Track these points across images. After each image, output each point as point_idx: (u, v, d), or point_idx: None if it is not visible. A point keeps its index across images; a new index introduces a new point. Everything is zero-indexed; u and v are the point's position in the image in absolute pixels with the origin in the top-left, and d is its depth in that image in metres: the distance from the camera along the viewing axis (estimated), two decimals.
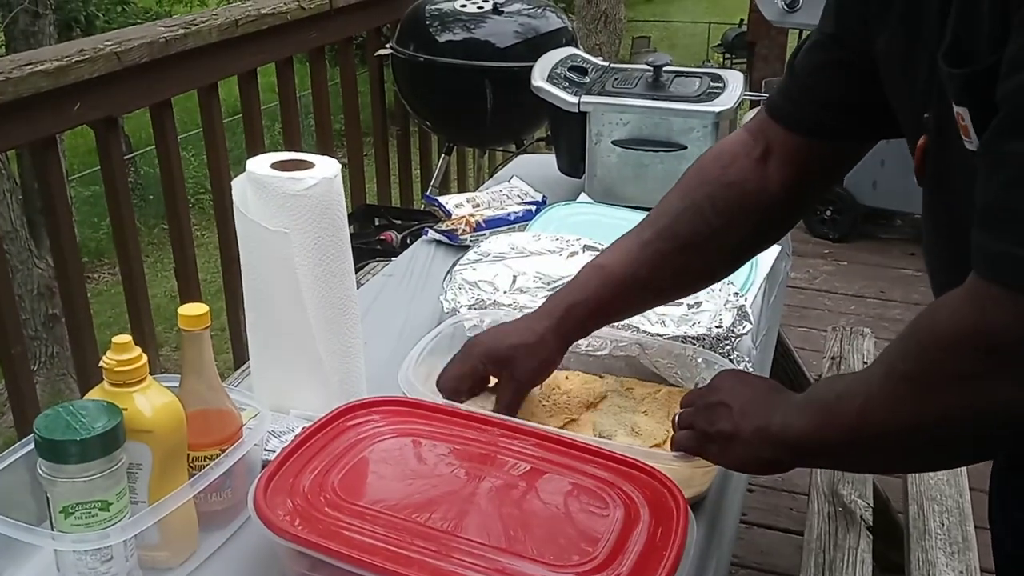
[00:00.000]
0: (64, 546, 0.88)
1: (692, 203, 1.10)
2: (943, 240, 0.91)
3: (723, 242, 1.10)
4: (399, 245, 2.40)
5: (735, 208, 1.09)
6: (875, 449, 0.84)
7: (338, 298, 1.17)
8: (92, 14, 9.76)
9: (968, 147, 0.75)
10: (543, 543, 0.88)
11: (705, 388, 1.04)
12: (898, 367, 0.79)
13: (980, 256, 0.72)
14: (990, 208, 0.71)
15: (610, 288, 1.11)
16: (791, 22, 4.31)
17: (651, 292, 1.14)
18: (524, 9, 2.92)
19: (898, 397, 0.78)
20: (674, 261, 1.10)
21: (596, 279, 1.13)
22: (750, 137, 1.11)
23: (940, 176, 0.86)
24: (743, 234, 1.11)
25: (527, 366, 1.12)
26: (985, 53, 0.72)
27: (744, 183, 1.09)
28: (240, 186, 1.15)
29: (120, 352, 0.91)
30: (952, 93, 0.76)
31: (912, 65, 0.86)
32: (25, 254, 5.12)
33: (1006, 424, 0.74)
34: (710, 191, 1.10)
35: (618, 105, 1.85)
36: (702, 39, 10.32)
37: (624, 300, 1.13)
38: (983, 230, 0.72)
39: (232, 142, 2.65)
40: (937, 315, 0.77)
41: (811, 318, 3.72)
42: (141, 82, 2.15)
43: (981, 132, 0.73)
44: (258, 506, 0.89)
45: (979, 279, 0.71)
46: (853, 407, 0.82)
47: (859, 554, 1.84)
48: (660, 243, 1.10)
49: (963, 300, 0.73)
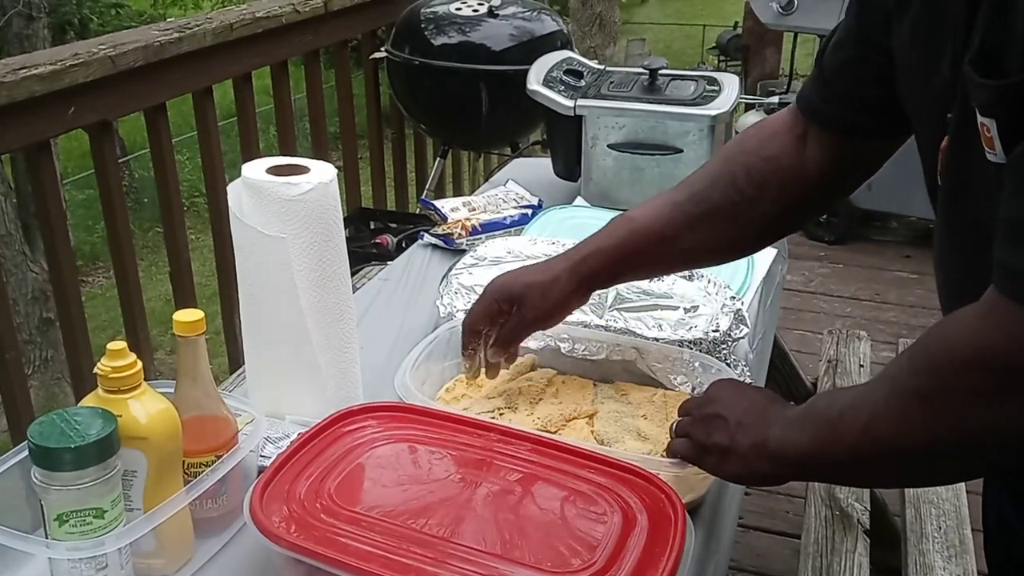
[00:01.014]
0: (59, 554, 0.88)
1: (728, 170, 1.11)
2: (956, 243, 0.89)
3: (753, 213, 1.09)
4: (395, 249, 2.40)
5: (770, 180, 1.08)
6: (878, 466, 0.83)
7: (334, 303, 1.17)
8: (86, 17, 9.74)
9: (990, 158, 0.74)
10: (540, 549, 0.87)
11: (702, 398, 1.04)
12: (908, 384, 0.78)
13: (1002, 272, 0.71)
14: (1015, 224, 0.70)
15: (635, 239, 1.11)
16: (786, 24, 4.32)
17: (675, 252, 1.13)
18: (519, 12, 2.92)
19: (908, 414, 0.77)
20: (702, 224, 1.10)
21: (623, 229, 1.13)
22: (792, 117, 1.10)
23: (961, 179, 0.84)
24: (773, 209, 1.10)
25: (537, 304, 1.12)
26: (1017, 67, 0.70)
27: (781, 158, 1.08)
28: (236, 191, 1.14)
29: (115, 359, 0.90)
30: (979, 103, 0.74)
31: (934, 63, 0.84)
32: (19, 258, 5.10)
33: (1016, 443, 0.74)
34: (746, 160, 1.10)
35: (614, 108, 1.85)
36: (697, 42, 10.32)
37: (647, 255, 1.13)
38: (1006, 245, 0.70)
39: (227, 145, 2.64)
40: (950, 330, 0.76)
41: (807, 321, 3.72)
42: (135, 86, 2.15)
43: (1007, 144, 0.72)
44: (254, 513, 0.89)
45: (999, 295, 0.70)
46: (858, 424, 0.81)
47: (856, 558, 1.84)
48: (691, 205, 1.11)
49: (981, 316, 0.72)
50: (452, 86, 2.86)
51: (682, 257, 1.17)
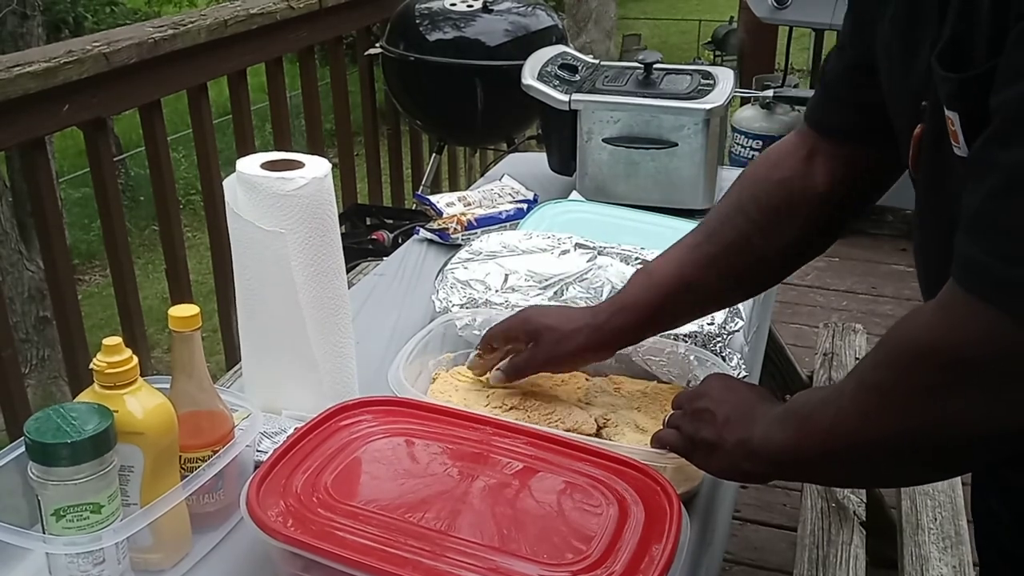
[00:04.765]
0: (56, 549, 0.88)
1: (738, 203, 1.10)
2: (934, 237, 0.89)
3: (768, 242, 1.08)
4: (390, 244, 2.40)
5: (781, 206, 1.08)
6: (847, 462, 0.83)
7: (330, 298, 1.17)
8: (81, 16, 9.72)
9: (956, 152, 0.74)
10: (537, 542, 0.88)
11: (694, 392, 1.04)
12: (869, 378, 0.78)
13: (960, 263, 0.70)
14: (975, 217, 0.70)
15: (655, 292, 1.11)
16: (781, 19, 4.32)
17: (699, 295, 1.13)
18: (514, 7, 2.92)
19: (868, 408, 0.77)
20: (720, 263, 1.10)
21: (642, 284, 1.12)
22: (798, 138, 1.10)
23: (933, 171, 0.85)
24: (791, 232, 1.09)
25: (549, 349, 1.13)
26: (982, 57, 0.70)
27: (791, 180, 1.08)
28: (231, 186, 1.14)
29: (111, 354, 0.91)
30: (943, 96, 0.74)
31: (911, 54, 0.85)
32: (15, 256, 5.09)
33: (972, 440, 0.73)
34: (755, 190, 1.10)
35: (609, 103, 1.85)
36: (692, 37, 10.32)
37: (672, 304, 1.12)
38: (966, 237, 0.70)
39: (222, 143, 2.64)
40: (909, 324, 0.76)
41: (803, 314, 3.73)
42: (130, 83, 2.15)
43: (970, 138, 0.72)
44: (251, 507, 0.89)
45: (956, 287, 0.70)
46: (826, 420, 0.81)
47: (852, 549, 1.85)
48: (707, 245, 1.10)
49: (935, 309, 0.72)
50: (447, 82, 2.86)
51: (709, 299, 1.15)
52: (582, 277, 1.41)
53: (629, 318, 1.12)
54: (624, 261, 1.44)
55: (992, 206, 0.68)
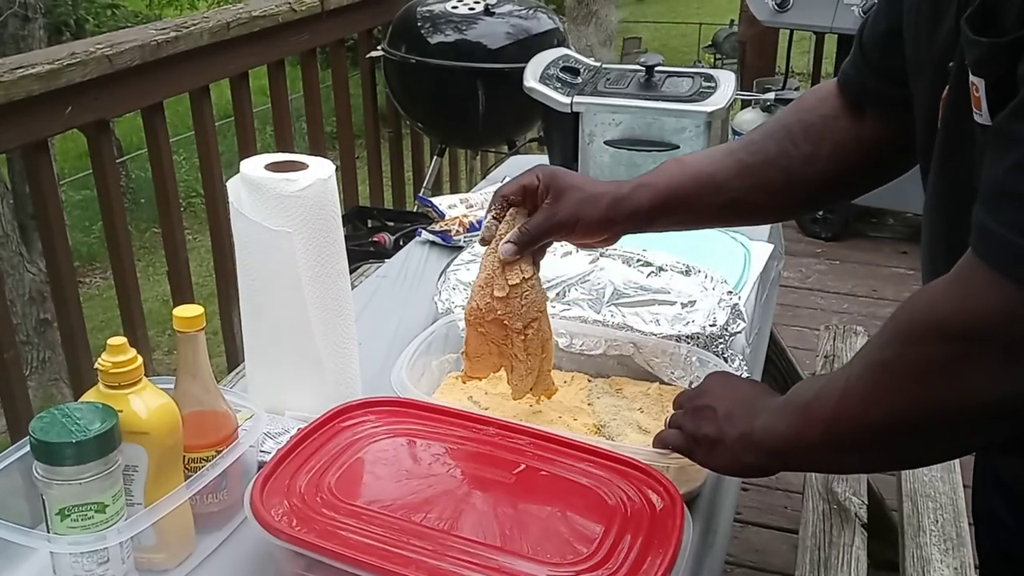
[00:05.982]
0: (60, 548, 0.88)
1: (785, 125, 1.10)
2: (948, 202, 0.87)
3: (807, 169, 1.08)
4: (392, 247, 2.40)
5: (826, 138, 1.07)
6: (852, 446, 0.82)
7: (333, 299, 1.18)
8: (82, 18, 9.72)
9: (977, 119, 0.73)
10: (539, 542, 0.88)
11: (695, 390, 1.04)
12: (875, 356, 0.77)
13: (977, 234, 0.70)
14: (995, 188, 0.69)
15: (682, 180, 1.10)
16: (781, 22, 4.33)
17: (720, 201, 1.11)
18: (515, 10, 2.93)
19: (874, 387, 0.76)
20: (754, 175, 1.09)
21: (673, 168, 1.12)
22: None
23: (949, 136, 0.83)
24: (828, 168, 1.08)
25: (570, 208, 1.08)
26: (1013, 25, 0.69)
27: (839, 118, 1.07)
28: (235, 187, 1.15)
29: (115, 354, 0.91)
30: (971, 61, 0.73)
31: (941, 14, 0.83)
32: (16, 259, 5.10)
33: (983, 417, 0.72)
34: (804, 117, 1.10)
35: (610, 105, 1.86)
36: (692, 40, 10.32)
37: (696, 197, 1.10)
38: (984, 209, 0.70)
39: (224, 145, 2.64)
40: (918, 299, 0.75)
41: (804, 317, 3.73)
42: (132, 85, 2.15)
43: (993, 106, 0.71)
44: (254, 507, 0.89)
45: (972, 258, 0.70)
46: (829, 404, 0.80)
47: (854, 551, 1.85)
48: (745, 155, 1.10)
49: (950, 283, 0.71)
50: (449, 84, 2.87)
51: (726, 207, 1.12)
52: (584, 278, 1.41)
53: (650, 196, 1.09)
54: (626, 263, 1.45)
55: (1013, 178, 0.68)
